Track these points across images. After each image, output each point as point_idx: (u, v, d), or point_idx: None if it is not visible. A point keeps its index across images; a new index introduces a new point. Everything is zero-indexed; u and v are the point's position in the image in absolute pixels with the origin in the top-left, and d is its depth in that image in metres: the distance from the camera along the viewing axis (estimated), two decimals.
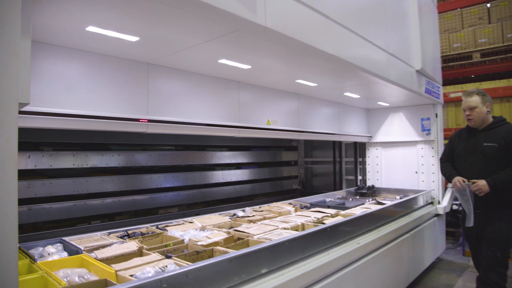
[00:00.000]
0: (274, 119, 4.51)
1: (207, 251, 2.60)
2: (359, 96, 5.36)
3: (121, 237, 3.02)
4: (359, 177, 7.40)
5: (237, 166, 6.39)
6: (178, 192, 5.44)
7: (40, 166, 4.09)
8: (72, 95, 2.78)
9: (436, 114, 6.31)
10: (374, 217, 4.23)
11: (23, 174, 4.08)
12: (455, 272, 5.79)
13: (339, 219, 3.70)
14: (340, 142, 7.61)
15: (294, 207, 4.52)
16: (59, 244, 2.74)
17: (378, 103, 6.17)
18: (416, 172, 6.53)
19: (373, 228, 4.20)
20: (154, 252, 2.48)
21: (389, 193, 6.64)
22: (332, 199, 5.84)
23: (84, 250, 2.54)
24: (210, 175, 5.87)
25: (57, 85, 2.71)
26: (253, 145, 6.75)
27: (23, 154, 3.89)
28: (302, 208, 4.57)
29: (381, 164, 6.98)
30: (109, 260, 2.37)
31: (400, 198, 6.11)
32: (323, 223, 3.57)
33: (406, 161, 6.67)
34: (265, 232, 3.15)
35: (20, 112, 2.36)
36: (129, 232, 3.19)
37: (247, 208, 4.16)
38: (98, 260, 2.33)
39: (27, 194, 3.98)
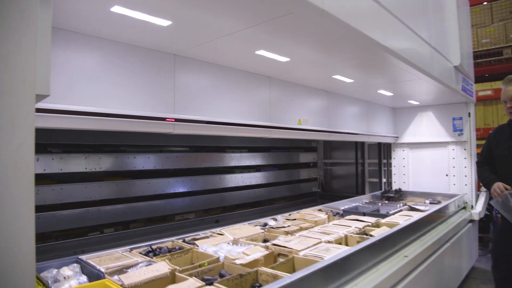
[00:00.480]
0: (305, 118, 4.11)
1: (251, 274, 2.21)
2: (391, 94, 4.96)
3: (146, 254, 2.63)
4: (384, 180, 6.99)
5: (257, 168, 5.98)
6: (196, 196, 5.05)
7: (50, 170, 3.71)
8: (91, 90, 2.39)
9: (469, 113, 5.89)
10: (417, 226, 3.84)
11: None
12: (492, 283, 5.38)
13: (385, 230, 3.30)
14: (362, 143, 7.20)
15: (326, 214, 4.12)
16: (75, 264, 2.34)
17: (408, 101, 5.75)
18: (447, 175, 6.12)
19: (416, 238, 3.81)
20: (191, 277, 2.08)
21: (416, 196, 6.23)
22: (361, 204, 5.44)
23: (106, 273, 2.14)
24: (229, 178, 5.47)
25: (73, 78, 2.32)
26: (271, 146, 6.35)
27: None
28: (335, 216, 4.18)
29: (408, 166, 6.57)
30: (138, 287, 1.98)
31: (430, 203, 5.73)
32: (369, 235, 3.18)
33: (435, 163, 6.26)
34: (309, 247, 2.76)
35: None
36: (154, 247, 2.80)
37: (279, 217, 3.77)
38: (126, 287, 1.94)
39: (36, 201, 3.56)
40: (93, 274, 2.20)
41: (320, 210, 4.54)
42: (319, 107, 4.43)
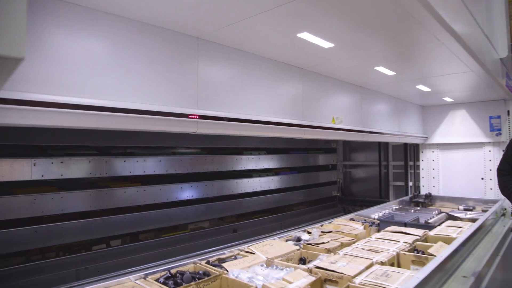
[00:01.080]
0: (339, 116, 3.61)
1: None
2: (429, 90, 4.45)
3: (164, 282, 2.13)
4: (410, 184, 6.47)
5: (276, 171, 5.48)
6: (211, 203, 4.55)
7: (49, 176, 3.23)
8: (96, 79, 1.90)
9: (508, 111, 5.37)
10: (471, 240, 3.34)
11: (27, 187, 3.23)
12: None
13: (444, 247, 2.80)
14: (386, 143, 6.69)
15: (362, 224, 3.62)
16: None
17: (442, 98, 5.24)
18: (483, 179, 5.61)
19: (469, 254, 3.31)
20: None
21: (446, 201, 5.73)
22: (391, 211, 4.95)
23: None
24: (247, 183, 4.97)
25: (76, 65, 1.83)
26: (290, 147, 5.84)
27: (26, 161, 3.03)
28: (371, 226, 3.68)
29: (438, 169, 6.05)
30: None
31: (464, 209, 5.23)
32: (427, 253, 2.68)
33: (469, 166, 5.74)
34: (362, 272, 2.26)
35: (19, 102, 1.49)
36: (173, 271, 2.31)
37: (313, 230, 3.27)
38: None
39: (33, 211, 3.13)
40: None
41: (352, 219, 4.04)
42: (352, 104, 3.93)
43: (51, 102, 1.70)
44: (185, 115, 2.21)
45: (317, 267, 2.35)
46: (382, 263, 2.49)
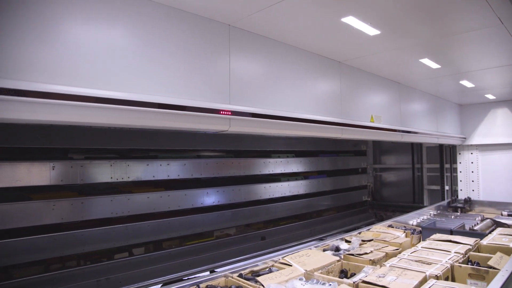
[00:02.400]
0: (378, 114, 3.32)
1: None
2: (473, 86, 4.11)
3: None
4: (446, 187, 6.09)
5: (305, 175, 5.19)
6: (238, 209, 4.29)
7: (68, 181, 3.04)
8: (117, 68, 1.68)
9: None
10: None
11: (45, 192, 3.04)
12: None
13: (505, 259, 2.48)
14: (420, 145, 6.34)
15: (404, 232, 3.32)
16: None
17: (485, 95, 4.87)
18: None
19: None
20: None
21: (489, 206, 5.33)
22: (430, 217, 4.62)
23: None
24: (275, 188, 4.70)
25: (92, 55, 1.61)
26: (319, 150, 5.54)
27: (44, 165, 2.84)
28: (413, 233, 3.37)
29: (478, 172, 5.66)
30: None
31: (508, 215, 4.85)
32: (487, 266, 2.37)
33: None
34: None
35: (26, 93, 1.27)
36: (202, 286, 2.06)
37: (353, 238, 2.98)
38: None
39: (51, 218, 2.94)
40: None
41: (391, 226, 3.73)
42: (391, 101, 3.64)
43: (65, 93, 1.49)
44: (217, 111, 1.96)
45: (364, 282, 2.07)
46: (437, 277, 2.18)
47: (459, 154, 5.83)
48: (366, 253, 2.64)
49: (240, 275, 2.26)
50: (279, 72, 2.42)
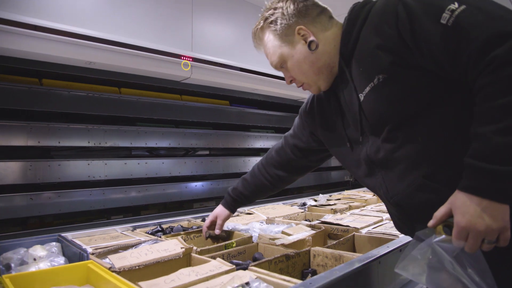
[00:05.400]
0: None
1: (302, 255, 1.52)
2: None
3: (153, 234, 1.97)
4: None
5: None
6: (217, 181, 4.35)
7: (46, 143, 3.08)
8: (81, 7, 1.75)
9: None
10: None
11: (22, 152, 3.09)
12: None
13: None
14: None
15: (373, 195, 3.42)
16: (54, 243, 1.70)
17: None
18: None
19: None
20: (214, 258, 1.42)
21: None
22: None
23: (93, 253, 1.49)
24: (254, 162, 4.75)
25: None
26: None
27: (21, 126, 2.88)
28: None
29: None
30: (135, 273, 1.32)
31: None
32: None
33: None
34: (370, 225, 2.06)
35: None
36: (164, 226, 2.14)
37: (320, 196, 3.07)
38: (116, 271, 1.28)
39: (28, 179, 2.97)
40: (75, 256, 1.56)
41: (364, 192, 3.82)
42: None
43: (24, 23, 1.56)
44: (178, 56, 2.04)
45: (322, 222, 2.16)
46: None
47: None
48: (329, 205, 2.73)
49: (203, 220, 2.34)
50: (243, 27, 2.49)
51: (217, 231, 1.88)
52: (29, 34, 1.57)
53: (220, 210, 1.93)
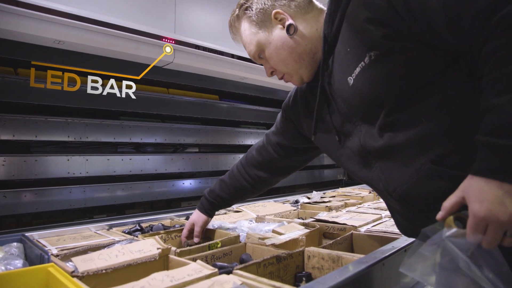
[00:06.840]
0: None
1: (294, 256, 1.35)
2: None
3: (130, 233, 1.79)
4: None
5: None
6: (205, 179, 4.16)
7: (21, 137, 2.89)
8: None
9: None
10: None
11: None
12: None
13: None
14: None
15: (370, 192, 3.26)
16: (15, 244, 1.50)
17: None
18: None
19: None
20: (195, 261, 1.24)
21: None
22: None
23: (57, 255, 1.30)
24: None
25: None
26: None
27: None
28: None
29: None
30: (101, 278, 1.14)
31: None
32: None
33: None
34: (368, 223, 1.89)
35: None
36: (144, 225, 1.96)
37: (314, 193, 2.90)
38: (79, 276, 1.10)
39: (1, 175, 2.78)
40: (36, 258, 1.37)
41: (360, 189, 3.67)
42: None
43: None
44: (159, 37, 1.86)
45: (316, 220, 1.99)
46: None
47: None
48: (324, 202, 2.57)
49: (187, 217, 2.16)
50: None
51: (196, 240, 1.71)
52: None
53: (196, 216, 1.76)
